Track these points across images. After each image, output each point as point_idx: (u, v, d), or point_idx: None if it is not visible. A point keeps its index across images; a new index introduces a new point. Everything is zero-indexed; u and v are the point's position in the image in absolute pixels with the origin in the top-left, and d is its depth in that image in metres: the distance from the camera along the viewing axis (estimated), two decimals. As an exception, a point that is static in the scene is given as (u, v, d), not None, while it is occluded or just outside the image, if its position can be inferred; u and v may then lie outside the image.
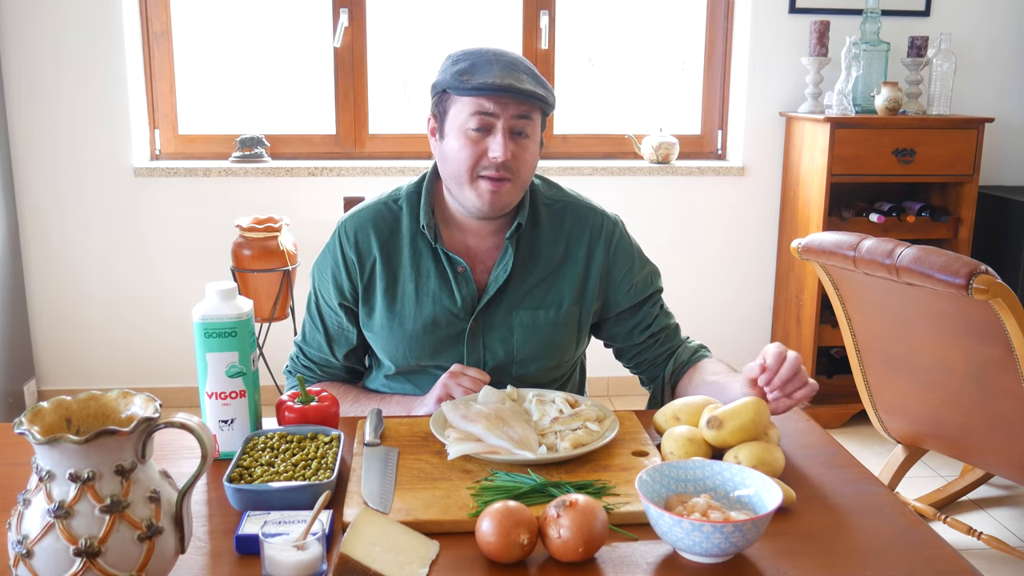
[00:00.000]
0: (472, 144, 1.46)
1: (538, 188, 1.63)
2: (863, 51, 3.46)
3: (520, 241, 1.58)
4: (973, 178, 3.37)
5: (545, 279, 1.59)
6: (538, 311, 1.57)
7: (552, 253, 1.59)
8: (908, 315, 2.21)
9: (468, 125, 1.46)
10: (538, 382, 1.61)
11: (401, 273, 1.57)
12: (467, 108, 1.46)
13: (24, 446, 1.30)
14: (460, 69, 1.46)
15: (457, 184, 1.51)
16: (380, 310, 1.58)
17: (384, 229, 1.59)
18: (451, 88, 1.47)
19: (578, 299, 1.60)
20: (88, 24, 3.30)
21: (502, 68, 1.44)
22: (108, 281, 3.51)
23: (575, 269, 1.60)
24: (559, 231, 1.60)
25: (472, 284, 1.56)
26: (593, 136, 3.75)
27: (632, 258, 1.65)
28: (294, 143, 3.63)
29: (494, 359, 1.58)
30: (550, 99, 1.48)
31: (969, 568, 1.08)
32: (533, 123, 1.49)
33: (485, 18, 3.69)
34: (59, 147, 3.38)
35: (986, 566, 2.51)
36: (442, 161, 1.53)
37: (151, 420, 0.94)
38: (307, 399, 1.39)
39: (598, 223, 1.63)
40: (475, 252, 1.58)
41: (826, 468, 1.33)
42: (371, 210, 1.61)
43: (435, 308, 1.56)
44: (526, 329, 1.57)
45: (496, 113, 1.45)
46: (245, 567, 1.06)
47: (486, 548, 1.05)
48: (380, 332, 1.59)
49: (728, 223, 3.72)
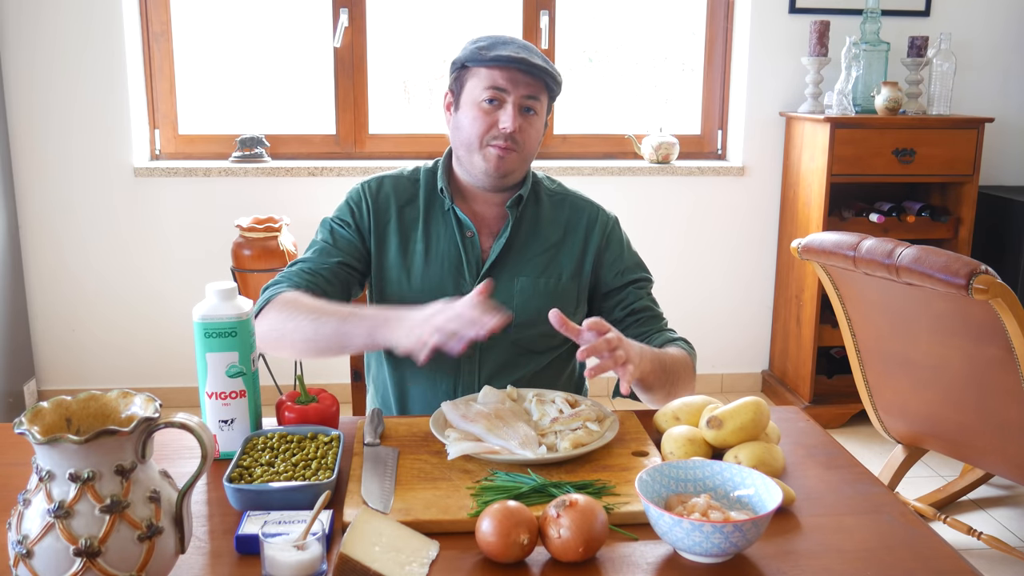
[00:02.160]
0: (484, 115, 1.58)
1: (542, 180, 1.76)
2: (863, 51, 3.46)
3: (522, 215, 1.69)
4: (973, 178, 3.37)
5: (545, 252, 1.69)
6: (539, 279, 1.67)
7: (552, 233, 1.70)
8: (908, 315, 2.21)
9: (482, 97, 1.58)
10: (534, 348, 1.66)
11: (413, 235, 1.68)
12: (482, 82, 1.58)
13: (24, 446, 1.30)
14: (480, 45, 1.59)
15: (467, 151, 1.62)
16: (392, 261, 1.67)
17: (403, 195, 1.70)
18: (470, 61, 1.59)
19: (576, 274, 1.70)
20: (88, 24, 3.30)
21: (518, 47, 1.58)
22: (108, 281, 3.51)
23: (573, 248, 1.70)
24: (559, 216, 1.72)
25: (478, 249, 1.67)
26: (593, 136, 3.75)
27: (623, 246, 1.75)
28: (294, 143, 3.63)
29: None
30: (558, 79, 1.62)
31: (969, 568, 1.08)
32: (541, 102, 1.62)
33: (485, 18, 3.69)
34: (59, 147, 3.38)
35: (986, 566, 2.51)
36: (455, 131, 1.64)
37: (151, 420, 0.94)
38: (307, 399, 1.39)
39: (595, 213, 1.74)
40: (482, 219, 1.69)
41: (826, 468, 1.33)
42: (392, 178, 1.73)
43: (443, 269, 1.65)
44: (526, 294, 1.65)
45: (508, 89, 1.57)
46: (245, 567, 1.06)
47: (486, 548, 1.05)
48: (388, 285, 1.66)
49: (728, 223, 3.72)
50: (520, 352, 1.66)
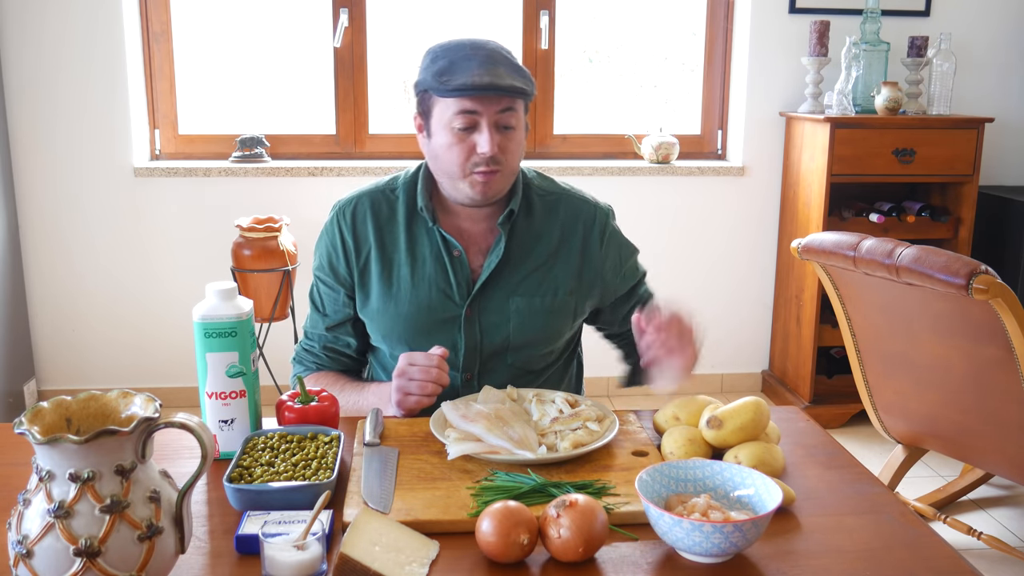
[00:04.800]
0: (460, 142, 1.49)
1: (532, 181, 1.66)
2: (863, 51, 3.46)
3: (514, 229, 1.60)
4: (973, 178, 3.37)
5: (540, 267, 1.60)
6: (534, 298, 1.59)
7: (547, 243, 1.62)
8: (908, 315, 2.21)
9: (454, 124, 1.48)
10: (532, 368, 1.62)
11: (396, 257, 1.60)
12: (451, 108, 1.48)
13: (24, 446, 1.30)
14: (439, 69, 1.48)
15: (449, 179, 1.54)
16: (376, 294, 1.60)
17: (381, 215, 1.62)
18: (432, 90, 1.49)
19: (574, 289, 1.62)
20: (88, 24, 3.30)
21: (480, 64, 1.45)
22: (108, 281, 3.51)
23: (571, 259, 1.62)
24: (553, 222, 1.63)
25: (467, 268, 1.58)
26: (593, 136, 3.75)
27: (621, 246, 1.70)
28: (294, 143, 3.63)
29: (491, 345, 1.59)
30: (530, 89, 1.50)
31: (969, 568, 1.08)
32: (516, 113, 1.51)
33: (485, 18, 3.69)
34: (59, 147, 3.38)
35: (986, 566, 2.51)
36: (432, 159, 1.55)
37: (151, 420, 0.94)
38: (307, 399, 1.39)
39: (591, 215, 1.66)
40: (470, 236, 1.60)
41: (826, 468, 1.33)
42: (368, 196, 1.64)
43: (431, 292, 1.58)
44: (522, 315, 1.59)
45: (479, 111, 1.47)
46: (245, 567, 1.06)
47: (486, 548, 1.05)
48: (376, 316, 1.61)
49: (728, 223, 3.72)
50: (518, 373, 1.61)
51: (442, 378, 1.45)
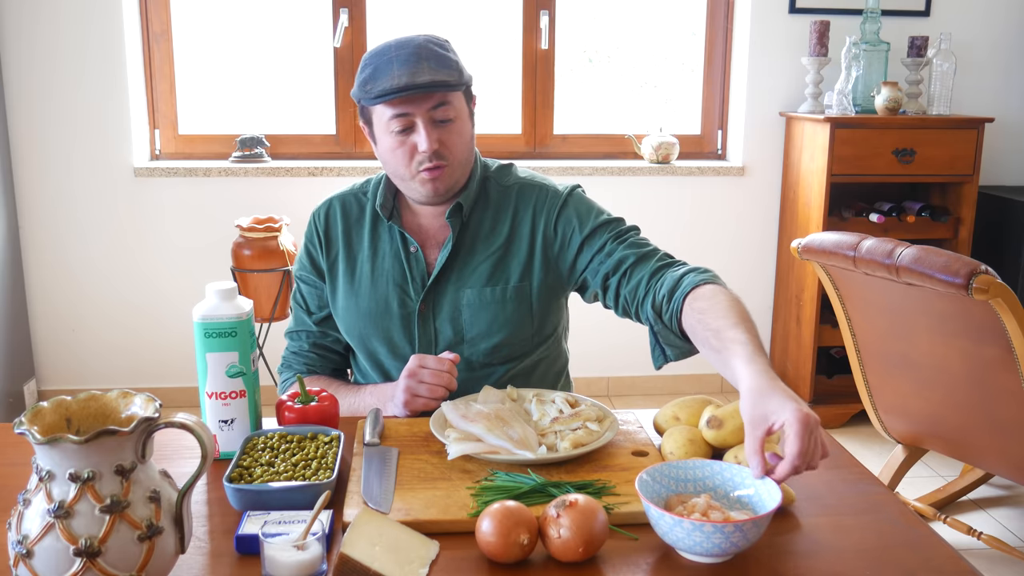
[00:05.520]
0: (400, 144, 1.51)
1: (492, 174, 1.65)
2: (863, 51, 3.46)
3: (468, 222, 1.61)
4: (973, 178, 3.37)
5: (490, 258, 1.60)
6: (484, 288, 1.59)
7: (498, 234, 1.61)
8: (908, 315, 2.21)
9: (391, 128, 1.50)
10: (490, 362, 1.61)
11: (360, 256, 1.64)
12: (385, 114, 1.50)
13: (24, 446, 1.30)
14: (365, 77, 1.50)
15: (401, 181, 1.57)
16: (341, 291, 1.65)
17: (351, 216, 1.68)
18: (361, 99, 1.53)
19: (526, 275, 1.60)
20: (88, 24, 3.30)
21: (401, 65, 1.46)
22: (108, 281, 3.51)
23: (521, 247, 1.60)
24: (505, 212, 1.62)
25: (423, 264, 1.61)
26: (593, 136, 3.75)
27: (581, 215, 1.60)
28: (294, 143, 3.63)
29: (444, 339, 1.61)
30: (453, 80, 1.48)
31: (969, 568, 1.08)
32: (452, 106, 1.50)
33: (485, 18, 3.69)
34: (59, 147, 3.38)
35: (986, 566, 2.51)
36: (384, 163, 1.59)
37: (151, 420, 0.94)
38: (307, 399, 1.39)
39: (543, 197, 1.61)
40: (427, 233, 1.63)
41: (826, 468, 1.33)
42: (340, 198, 1.71)
43: (388, 287, 1.61)
44: (472, 308, 1.59)
45: (411, 112, 1.48)
46: (245, 567, 1.06)
47: (486, 548, 1.05)
48: (341, 313, 1.66)
49: (728, 223, 3.72)
50: (475, 368, 1.59)
51: (451, 383, 1.47)
